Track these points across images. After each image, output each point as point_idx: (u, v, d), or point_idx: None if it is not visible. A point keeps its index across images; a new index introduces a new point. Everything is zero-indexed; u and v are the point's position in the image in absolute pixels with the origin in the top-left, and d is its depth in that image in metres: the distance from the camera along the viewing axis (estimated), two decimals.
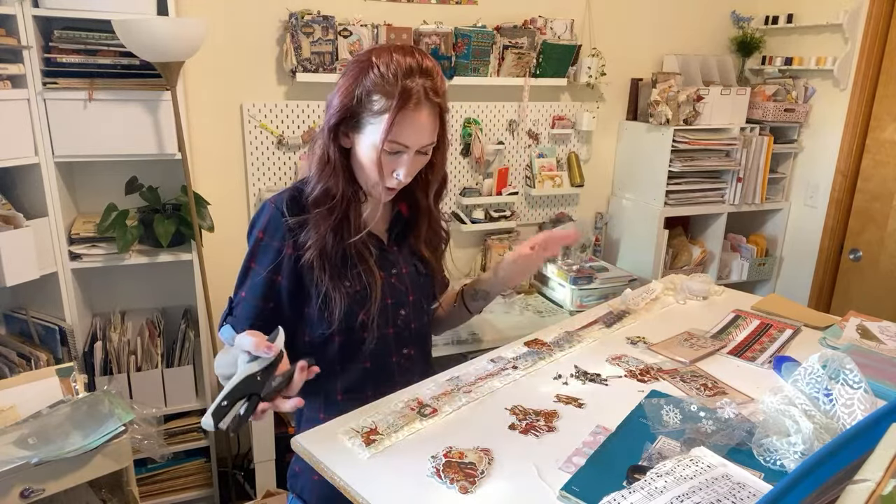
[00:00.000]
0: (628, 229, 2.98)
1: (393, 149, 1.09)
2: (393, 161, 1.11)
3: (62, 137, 1.95)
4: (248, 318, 1.15)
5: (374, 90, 1.07)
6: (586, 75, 2.74)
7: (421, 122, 1.08)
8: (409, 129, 1.08)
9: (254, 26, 2.32)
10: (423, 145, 1.11)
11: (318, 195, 1.15)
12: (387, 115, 1.06)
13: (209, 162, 2.38)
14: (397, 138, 1.08)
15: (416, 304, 1.25)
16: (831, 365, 0.95)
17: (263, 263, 1.15)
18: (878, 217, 2.70)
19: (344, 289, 1.14)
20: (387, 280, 1.21)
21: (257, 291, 1.15)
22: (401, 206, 1.26)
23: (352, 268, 1.16)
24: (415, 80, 1.06)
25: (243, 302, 1.17)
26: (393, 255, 1.24)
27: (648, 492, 0.74)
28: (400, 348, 1.24)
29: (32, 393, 1.61)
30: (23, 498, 1.40)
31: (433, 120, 1.10)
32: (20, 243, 1.85)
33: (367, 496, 0.84)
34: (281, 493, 2.17)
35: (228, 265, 2.48)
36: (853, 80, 2.67)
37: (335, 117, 1.11)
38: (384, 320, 1.20)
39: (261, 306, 1.15)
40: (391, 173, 1.12)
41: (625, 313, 1.48)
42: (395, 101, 1.05)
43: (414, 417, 1.02)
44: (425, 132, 1.10)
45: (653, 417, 0.98)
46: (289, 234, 1.14)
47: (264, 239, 1.15)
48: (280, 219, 1.14)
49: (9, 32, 1.83)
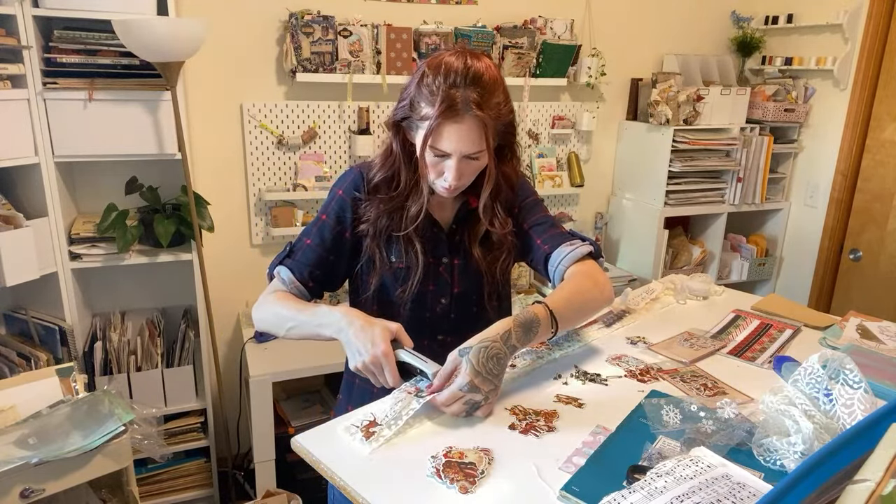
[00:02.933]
0: (628, 229, 2.98)
1: (436, 153, 1.12)
2: (439, 164, 1.14)
3: (62, 137, 1.95)
4: (309, 265, 1.23)
5: (420, 97, 1.11)
6: (586, 75, 2.74)
7: (462, 132, 1.09)
8: (449, 137, 1.09)
9: (254, 26, 2.32)
10: (465, 153, 1.11)
11: (379, 181, 1.22)
12: (428, 124, 1.09)
13: (209, 162, 2.38)
14: (437, 145, 1.11)
15: (460, 296, 1.27)
16: (831, 365, 0.95)
17: (335, 217, 1.23)
18: (878, 217, 2.70)
19: (388, 261, 1.21)
20: (434, 267, 1.24)
21: (325, 241, 1.23)
22: (470, 199, 1.27)
23: (400, 245, 1.22)
24: (458, 90, 1.08)
25: (307, 248, 1.24)
26: (449, 244, 1.26)
27: (648, 492, 0.74)
28: (434, 334, 1.27)
29: (32, 393, 1.60)
30: (23, 498, 1.40)
31: (477, 130, 1.09)
32: (20, 243, 1.85)
33: (367, 496, 0.83)
34: (281, 493, 2.16)
35: (228, 265, 2.51)
36: (853, 80, 2.67)
37: (396, 116, 1.17)
38: (420, 304, 1.24)
39: (323, 256, 1.23)
40: (439, 176, 1.15)
41: (625, 313, 1.48)
42: (436, 109, 1.07)
43: (410, 400, 1.02)
44: (466, 141, 1.10)
45: (653, 417, 0.98)
46: (360, 203, 1.22)
47: (342, 195, 1.24)
48: (360, 185, 1.23)
49: (9, 32, 1.83)
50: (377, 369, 1.04)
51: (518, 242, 1.32)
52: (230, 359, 2.59)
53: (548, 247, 1.28)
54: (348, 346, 1.08)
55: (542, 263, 1.29)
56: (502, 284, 1.33)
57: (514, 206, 1.32)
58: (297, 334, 1.18)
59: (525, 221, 1.32)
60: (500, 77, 1.13)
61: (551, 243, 1.28)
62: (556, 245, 1.27)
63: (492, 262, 1.27)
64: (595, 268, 1.26)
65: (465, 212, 1.27)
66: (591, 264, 1.26)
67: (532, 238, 1.31)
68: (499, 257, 1.27)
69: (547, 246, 1.28)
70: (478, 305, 1.30)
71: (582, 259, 1.24)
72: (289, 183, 2.50)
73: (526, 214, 1.33)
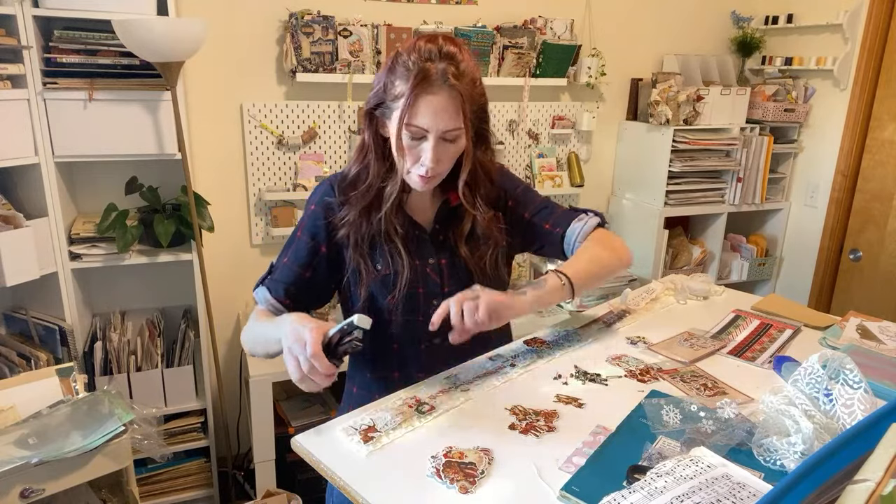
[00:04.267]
0: (628, 229, 2.98)
1: (413, 133, 1.09)
2: (416, 147, 1.11)
3: (62, 137, 1.95)
4: (285, 283, 1.21)
5: (394, 76, 1.09)
6: (586, 75, 2.74)
7: (438, 105, 1.06)
8: (426, 112, 1.06)
9: (254, 26, 2.32)
10: (442, 130, 1.08)
11: (353, 177, 1.21)
12: (403, 100, 1.06)
13: (209, 162, 2.38)
14: (414, 121, 1.07)
15: (450, 295, 1.24)
16: (831, 365, 0.95)
17: (309, 233, 1.22)
18: (878, 217, 2.70)
19: (373, 270, 1.19)
20: (421, 268, 1.21)
21: (301, 259, 1.21)
22: (450, 196, 1.25)
23: (384, 251, 1.19)
24: (434, 63, 1.06)
25: (284, 267, 1.23)
26: (434, 244, 1.24)
27: (648, 492, 0.74)
28: (430, 336, 1.23)
29: (32, 393, 1.61)
30: (23, 498, 1.40)
31: (453, 104, 1.07)
32: (20, 243, 1.85)
33: (367, 496, 0.83)
34: (281, 494, 2.17)
35: (228, 265, 2.51)
36: (853, 80, 2.67)
37: (369, 104, 1.15)
38: (411, 308, 1.21)
39: (299, 273, 1.21)
40: (416, 162, 1.12)
41: (625, 313, 1.48)
42: (411, 82, 1.05)
43: (411, 414, 1.02)
44: (444, 115, 1.07)
45: (653, 417, 0.98)
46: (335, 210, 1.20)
47: (315, 210, 1.22)
48: (332, 194, 1.21)
49: (9, 32, 1.83)
50: (299, 346, 0.96)
51: (522, 234, 1.32)
52: (230, 359, 2.59)
53: (560, 228, 1.30)
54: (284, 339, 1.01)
55: (559, 245, 1.31)
56: (494, 280, 1.29)
57: (506, 200, 1.31)
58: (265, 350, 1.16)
59: (526, 211, 1.32)
60: (473, 60, 1.13)
61: (562, 224, 1.30)
62: (566, 224, 1.30)
63: (480, 259, 1.25)
64: (607, 235, 1.31)
65: (445, 210, 1.25)
66: (604, 232, 1.30)
67: (538, 225, 1.31)
68: (486, 252, 1.25)
69: (559, 228, 1.30)
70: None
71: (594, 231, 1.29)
72: (289, 183, 2.50)
73: (524, 205, 1.33)
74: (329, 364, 0.96)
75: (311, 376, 0.97)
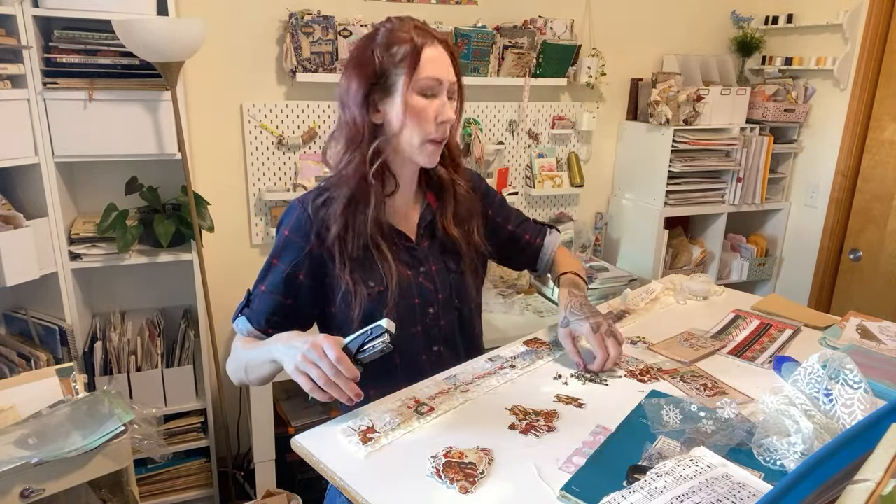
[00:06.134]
0: (628, 229, 2.98)
1: (425, 88, 1.11)
2: (426, 109, 1.12)
3: (62, 137, 1.95)
4: (266, 312, 1.18)
5: (391, 43, 1.11)
6: (586, 75, 2.74)
7: (440, 57, 1.12)
8: (434, 62, 1.11)
9: (254, 26, 2.32)
10: (451, 81, 1.13)
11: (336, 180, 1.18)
12: (410, 58, 1.09)
13: (209, 162, 2.38)
14: (426, 73, 1.10)
15: (445, 302, 1.25)
16: (831, 365, 0.95)
17: (286, 260, 1.17)
18: (878, 217, 2.70)
19: (365, 288, 1.16)
20: (414, 279, 1.21)
21: (279, 287, 1.18)
22: (429, 197, 1.26)
23: (373, 267, 1.17)
24: (420, 27, 1.14)
25: (262, 295, 1.19)
26: (422, 252, 1.24)
27: (648, 492, 0.74)
28: (430, 346, 1.24)
29: (32, 393, 1.61)
30: (23, 498, 1.40)
31: (448, 58, 1.14)
32: (20, 243, 1.85)
33: (366, 496, 0.84)
34: (281, 494, 2.17)
35: (228, 265, 2.50)
36: (853, 80, 2.67)
37: (363, 88, 1.12)
38: (409, 320, 1.20)
39: (280, 301, 1.18)
40: (428, 122, 1.12)
41: (625, 313, 1.48)
42: (412, 39, 1.10)
43: (410, 416, 1.02)
44: (448, 67, 1.13)
45: (653, 417, 0.98)
46: (313, 228, 1.15)
47: (289, 236, 1.18)
48: (306, 218, 1.16)
49: (9, 32, 1.83)
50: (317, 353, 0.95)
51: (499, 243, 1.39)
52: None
53: (539, 239, 1.44)
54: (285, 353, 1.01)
55: (535, 256, 1.45)
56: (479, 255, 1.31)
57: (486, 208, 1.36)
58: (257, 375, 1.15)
59: (509, 223, 1.41)
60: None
61: (539, 236, 1.45)
62: (542, 236, 1.45)
63: (469, 235, 1.29)
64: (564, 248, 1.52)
65: (429, 215, 1.26)
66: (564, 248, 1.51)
67: (520, 236, 1.42)
68: (473, 228, 1.29)
69: (538, 239, 1.44)
70: (460, 308, 1.28)
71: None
72: (289, 183, 2.50)
73: (505, 217, 1.41)
74: (353, 367, 0.97)
75: (336, 380, 0.95)
